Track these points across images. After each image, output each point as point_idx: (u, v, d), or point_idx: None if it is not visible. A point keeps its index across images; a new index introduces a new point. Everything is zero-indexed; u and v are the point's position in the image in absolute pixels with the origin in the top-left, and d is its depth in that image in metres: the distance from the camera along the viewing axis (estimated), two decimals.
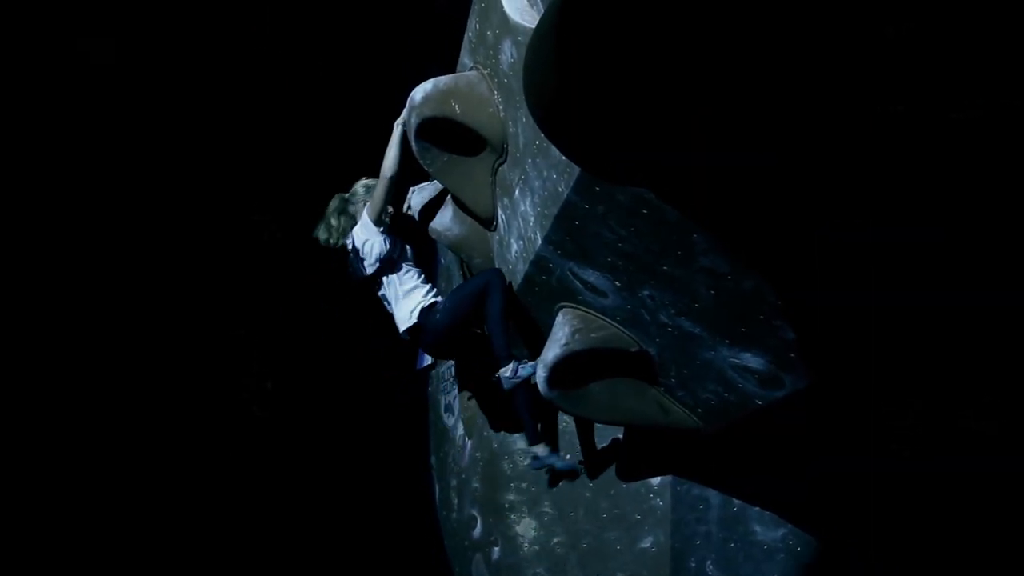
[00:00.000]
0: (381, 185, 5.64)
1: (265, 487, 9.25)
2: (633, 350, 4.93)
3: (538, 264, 5.00)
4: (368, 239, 5.74)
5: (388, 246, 5.76)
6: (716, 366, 4.63)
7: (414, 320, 5.76)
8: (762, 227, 3.79)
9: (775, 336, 4.22)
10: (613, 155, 2.99)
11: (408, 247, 5.96)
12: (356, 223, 5.81)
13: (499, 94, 5.20)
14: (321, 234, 5.92)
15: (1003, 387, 5.18)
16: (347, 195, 5.94)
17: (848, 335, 4.27)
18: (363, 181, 5.93)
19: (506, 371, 5.40)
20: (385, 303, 5.95)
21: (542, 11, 4.17)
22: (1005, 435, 5.32)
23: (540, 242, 4.81)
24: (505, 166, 5.23)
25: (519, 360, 5.45)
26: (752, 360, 4.44)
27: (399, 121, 5.49)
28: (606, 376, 5.09)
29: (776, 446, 5.54)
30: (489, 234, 5.74)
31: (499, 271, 5.57)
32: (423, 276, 5.92)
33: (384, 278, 5.84)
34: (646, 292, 4.51)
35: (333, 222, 5.88)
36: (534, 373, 5.24)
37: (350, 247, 5.86)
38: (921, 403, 5.42)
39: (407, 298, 5.80)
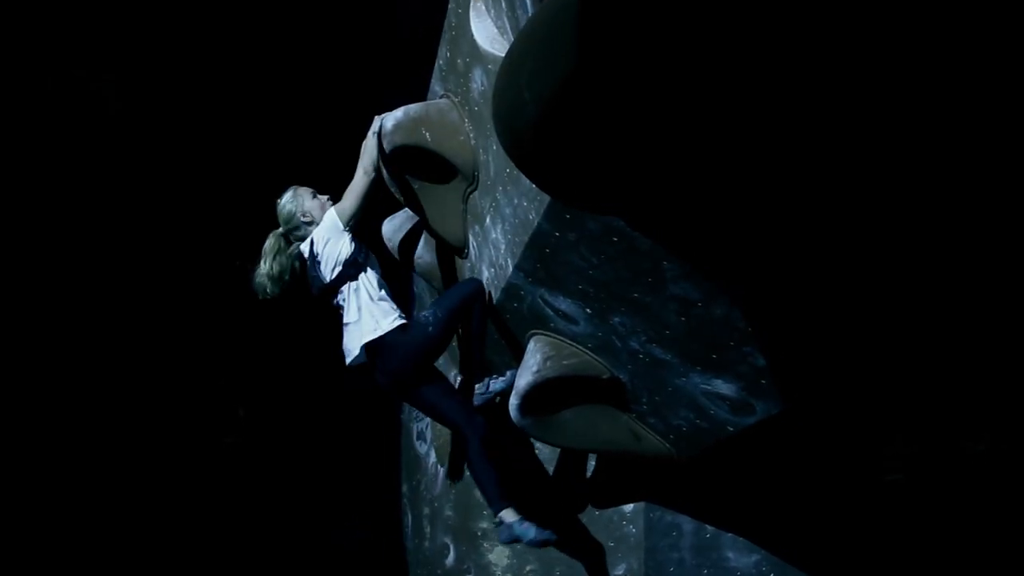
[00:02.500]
0: (361, 183, 5.20)
1: (235, 515, 9.16)
2: (605, 377, 4.93)
3: (509, 291, 5.00)
4: (331, 239, 5.26)
5: (354, 248, 5.30)
6: (688, 393, 4.63)
7: (379, 333, 5.25)
8: (732, 254, 3.80)
9: (746, 363, 4.23)
10: (582, 188, 3.00)
11: (373, 256, 5.50)
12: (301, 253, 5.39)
13: (470, 122, 5.21)
14: (259, 280, 5.37)
15: (991, 407, 5.22)
16: (282, 228, 5.47)
17: (828, 358, 4.28)
18: (279, 203, 5.50)
19: (479, 387, 5.38)
20: (341, 312, 5.38)
21: (511, 40, 4.19)
22: (995, 452, 5.34)
23: (511, 269, 4.81)
24: (476, 194, 5.23)
25: (491, 375, 5.41)
26: (723, 387, 4.45)
27: (372, 131, 5.23)
28: (578, 403, 5.08)
29: (749, 472, 5.55)
30: (460, 261, 5.73)
31: (479, 281, 5.41)
32: (391, 291, 5.42)
33: (347, 285, 5.31)
34: (617, 319, 4.51)
35: (269, 265, 5.35)
36: (506, 387, 5.23)
37: (306, 253, 5.37)
38: (907, 427, 5.44)
39: (376, 306, 5.30)
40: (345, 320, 5.37)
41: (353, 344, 5.34)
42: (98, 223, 8.78)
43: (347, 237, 5.28)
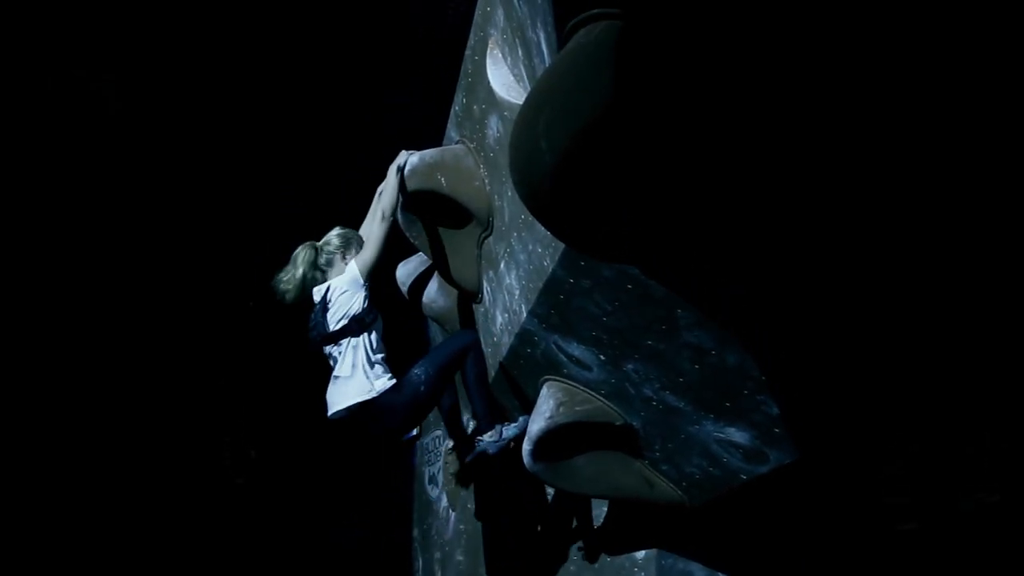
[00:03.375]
0: (380, 230, 5.17)
1: (244, 556, 9.12)
2: (618, 424, 4.92)
3: (523, 337, 5.01)
4: (347, 291, 5.20)
5: (365, 306, 5.23)
6: (701, 440, 4.62)
7: (371, 395, 5.20)
8: (746, 303, 3.81)
9: (760, 411, 4.22)
10: (597, 237, 3.02)
11: (380, 318, 5.39)
12: (324, 276, 5.32)
13: (485, 168, 5.24)
14: (283, 286, 5.32)
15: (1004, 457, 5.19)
16: (319, 243, 5.41)
17: (841, 407, 4.28)
18: (337, 231, 5.42)
19: (491, 435, 5.35)
20: (332, 362, 5.31)
21: (528, 87, 4.23)
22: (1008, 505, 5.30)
23: (525, 315, 4.82)
24: (491, 239, 5.26)
25: (503, 424, 5.39)
26: (737, 435, 4.44)
27: (395, 166, 5.22)
28: (591, 449, 5.06)
29: (761, 518, 5.52)
30: (474, 306, 5.75)
31: (472, 332, 5.47)
32: (386, 356, 5.36)
33: (348, 339, 5.22)
34: (631, 366, 4.51)
35: (300, 273, 5.29)
36: (519, 432, 5.21)
37: (317, 298, 5.30)
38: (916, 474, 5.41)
39: (371, 368, 5.23)
40: (336, 373, 5.30)
41: (339, 399, 5.30)
42: (98, 223, 8.77)
43: (363, 293, 5.22)
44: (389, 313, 5.50)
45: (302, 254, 5.34)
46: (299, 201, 9.04)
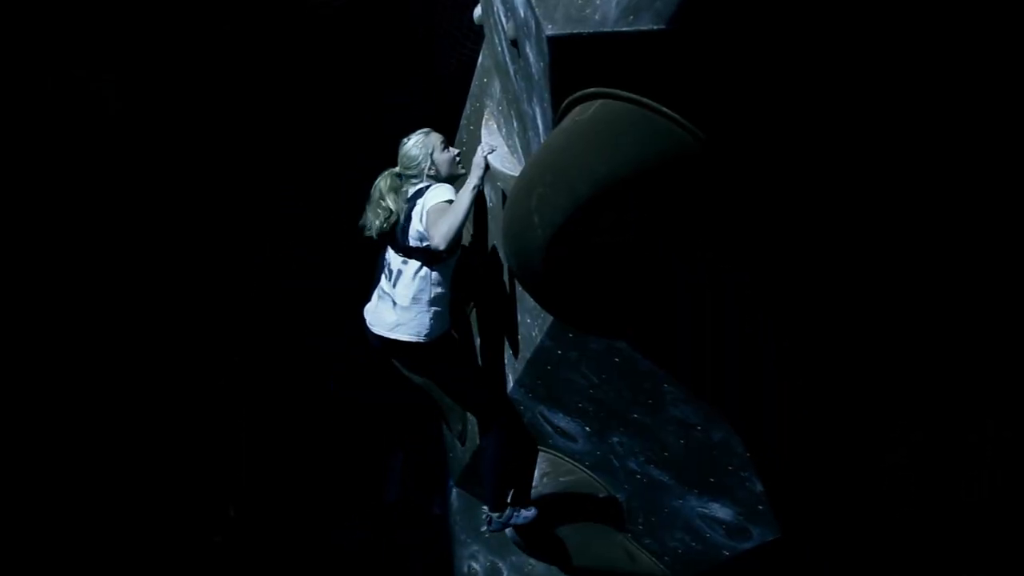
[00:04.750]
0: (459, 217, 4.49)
1: (235, 514, 9.03)
2: (601, 495, 4.92)
3: None
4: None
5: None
6: (684, 515, 4.62)
7: (420, 339, 4.76)
8: (732, 377, 3.83)
9: (744, 487, 4.23)
10: (586, 312, 3.04)
11: (456, 256, 4.83)
12: (409, 198, 4.75)
13: None
14: (374, 222, 4.75)
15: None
16: (399, 169, 4.83)
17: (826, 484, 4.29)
18: (413, 140, 4.82)
19: (499, 517, 5.21)
20: (387, 277, 4.81)
21: (523, 160, 4.28)
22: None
23: (512, 384, 4.84)
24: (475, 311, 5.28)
25: (515, 508, 5.18)
26: (720, 510, 4.44)
27: (480, 162, 4.57)
28: (574, 521, 5.06)
29: None
30: None
31: (512, 415, 5.12)
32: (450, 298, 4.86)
33: (418, 264, 4.71)
34: (616, 439, 4.53)
35: (393, 203, 4.73)
36: (527, 523, 5.16)
37: (407, 198, 4.75)
38: None
39: (429, 308, 4.74)
40: (390, 291, 4.80)
41: (383, 322, 4.84)
42: (98, 223, 8.75)
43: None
44: None
45: (385, 182, 4.79)
46: (299, 201, 9.07)
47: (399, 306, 4.74)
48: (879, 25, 2.48)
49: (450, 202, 4.55)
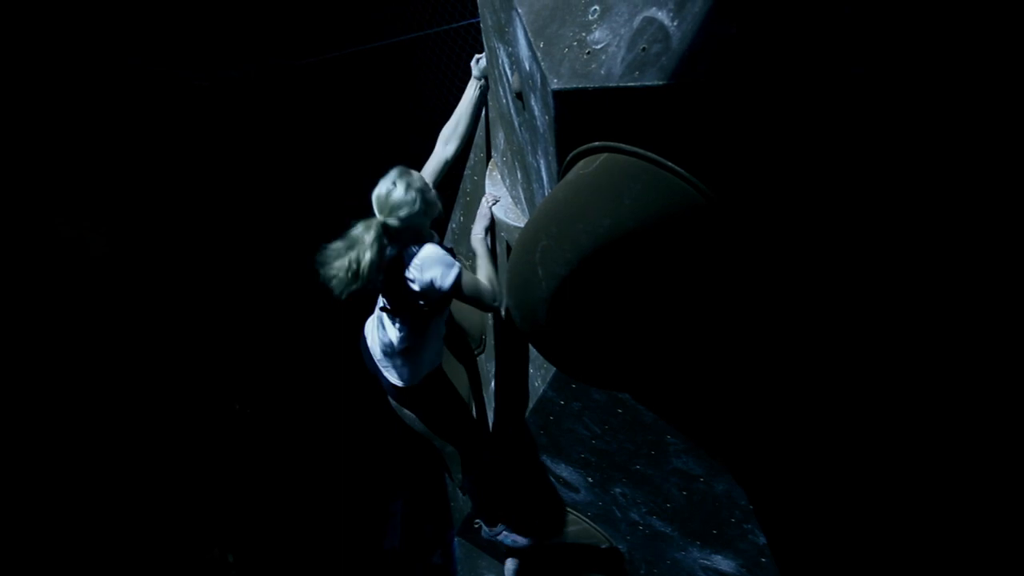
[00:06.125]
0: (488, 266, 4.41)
1: (237, 514, 9.00)
2: (604, 546, 4.90)
3: None
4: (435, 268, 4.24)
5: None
6: (686, 567, 4.60)
7: (405, 384, 4.59)
8: (735, 431, 3.82)
9: (746, 540, 4.21)
10: (590, 365, 3.04)
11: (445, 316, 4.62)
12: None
13: None
14: (348, 276, 4.02)
15: None
16: (384, 218, 4.17)
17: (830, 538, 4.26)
18: (405, 195, 4.15)
19: (488, 530, 5.23)
20: (385, 310, 4.47)
21: (526, 211, 4.30)
22: None
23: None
24: (483, 357, 5.28)
25: (507, 528, 5.21)
26: (723, 563, 4.42)
27: (485, 212, 4.55)
28: (576, 572, 5.04)
29: None
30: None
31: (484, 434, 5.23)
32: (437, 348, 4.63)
33: (415, 316, 4.38)
34: (618, 489, 4.51)
35: (376, 255, 4.07)
36: (515, 547, 5.15)
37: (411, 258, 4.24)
38: None
39: (419, 358, 4.52)
40: (389, 337, 4.50)
41: (373, 352, 4.65)
42: (99, 223, 8.80)
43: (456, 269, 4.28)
44: None
45: (370, 233, 4.08)
46: (300, 200, 9.14)
47: (388, 349, 4.55)
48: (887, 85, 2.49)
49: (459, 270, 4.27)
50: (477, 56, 4.58)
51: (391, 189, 4.15)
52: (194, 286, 9.18)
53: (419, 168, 4.45)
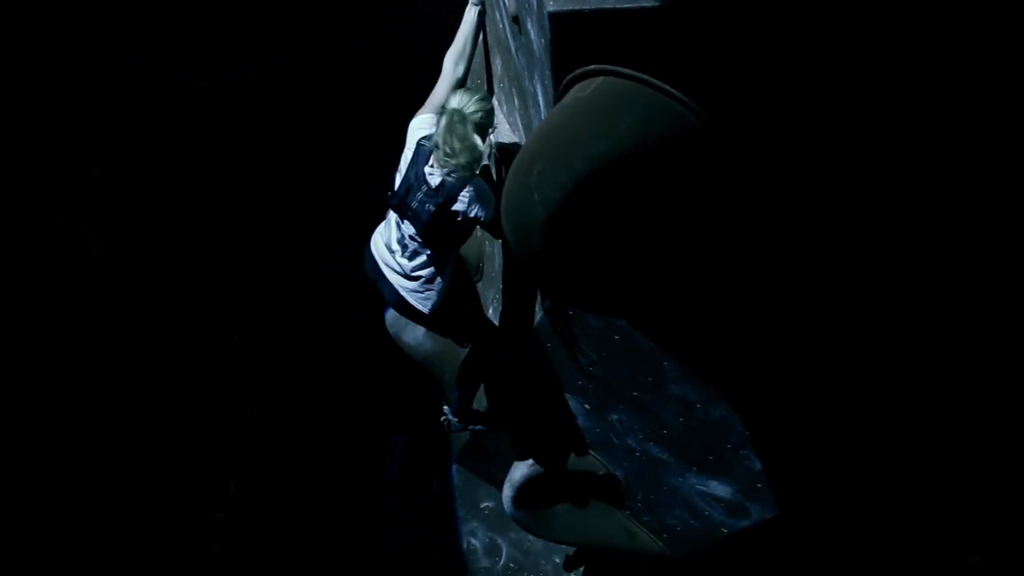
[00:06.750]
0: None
1: (236, 514, 9.10)
2: (600, 473, 4.93)
3: None
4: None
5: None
6: (683, 492, 4.63)
7: (424, 309, 4.48)
8: (732, 357, 3.83)
9: (742, 465, 4.24)
10: (585, 291, 3.04)
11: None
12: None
13: None
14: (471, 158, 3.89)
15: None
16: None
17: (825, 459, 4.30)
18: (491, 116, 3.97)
19: (458, 422, 5.21)
20: (402, 247, 4.39)
21: (523, 137, 4.27)
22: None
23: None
24: (480, 284, 5.28)
25: (474, 422, 5.27)
26: (719, 488, 4.45)
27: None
28: (573, 497, 5.07)
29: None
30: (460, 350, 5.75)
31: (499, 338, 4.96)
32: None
33: (438, 244, 4.31)
34: (615, 416, 4.53)
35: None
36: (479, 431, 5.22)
37: (435, 183, 4.07)
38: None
39: (435, 288, 4.45)
40: (406, 267, 4.43)
41: (394, 288, 4.52)
42: (98, 222, 8.82)
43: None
44: None
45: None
46: (299, 201, 9.13)
47: (413, 282, 4.46)
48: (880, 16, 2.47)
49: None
50: None
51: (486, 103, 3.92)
52: (194, 285, 9.17)
53: (429, 91, 4.34)
